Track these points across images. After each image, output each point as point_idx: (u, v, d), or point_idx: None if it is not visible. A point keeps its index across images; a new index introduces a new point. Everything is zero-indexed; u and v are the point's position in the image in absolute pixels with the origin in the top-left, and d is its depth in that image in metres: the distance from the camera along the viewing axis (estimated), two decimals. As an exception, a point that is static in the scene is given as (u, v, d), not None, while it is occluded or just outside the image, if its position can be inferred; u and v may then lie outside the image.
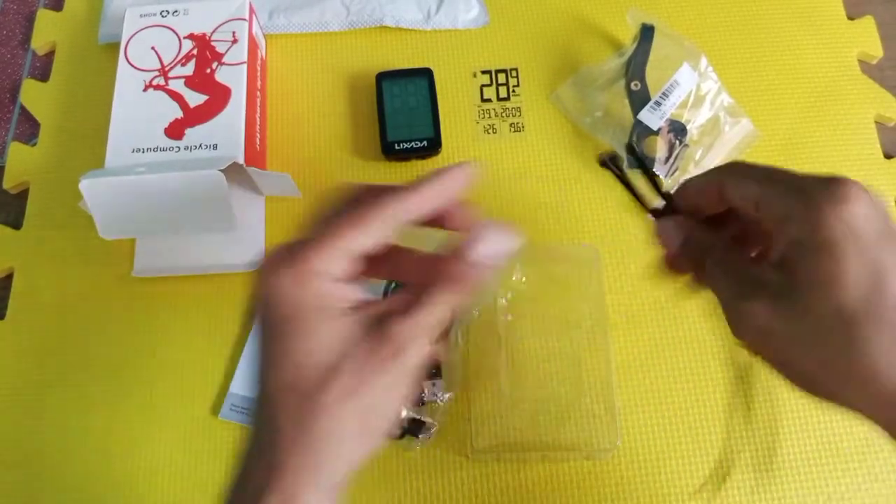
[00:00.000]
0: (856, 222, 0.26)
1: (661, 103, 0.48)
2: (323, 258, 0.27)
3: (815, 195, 0.27)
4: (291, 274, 0.27)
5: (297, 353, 0.26)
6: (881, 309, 0.25)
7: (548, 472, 0.44)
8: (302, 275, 0.27)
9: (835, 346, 0.26)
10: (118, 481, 0.44)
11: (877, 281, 0.25)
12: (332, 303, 0.27)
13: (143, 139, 0.46)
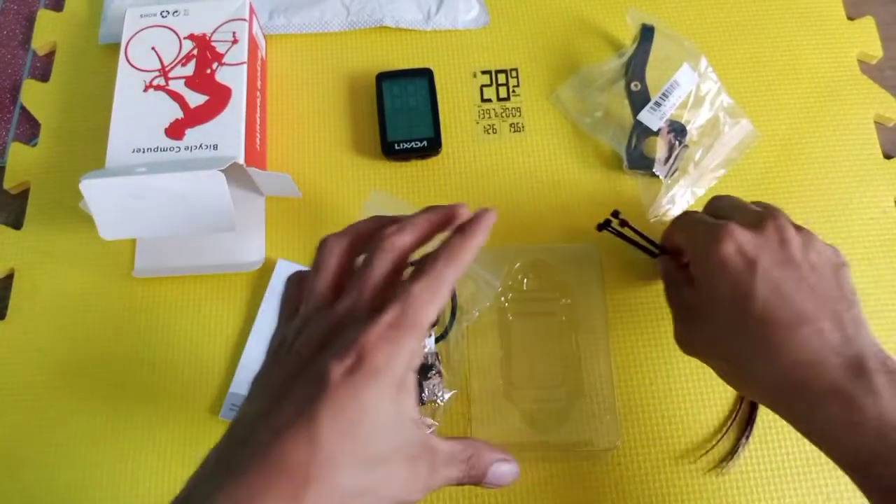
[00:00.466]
0: (725, 258, 0.37)
1: (661, 104, 0.48)
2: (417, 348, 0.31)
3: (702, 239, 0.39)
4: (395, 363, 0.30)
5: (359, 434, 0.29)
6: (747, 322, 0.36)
7: (548, 472, 0.44)
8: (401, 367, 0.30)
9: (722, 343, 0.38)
10: (118, 481, 0.44)
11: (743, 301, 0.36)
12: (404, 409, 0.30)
13: (143, 139, 0.46)
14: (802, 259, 0.37)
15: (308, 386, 0.29)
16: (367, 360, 0.29)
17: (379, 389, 0.29)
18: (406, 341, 0.30)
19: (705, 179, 0.50)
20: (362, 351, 0.29)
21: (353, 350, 0.29)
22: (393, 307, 0.30)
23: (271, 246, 0.49)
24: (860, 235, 0.49)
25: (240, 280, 0.48)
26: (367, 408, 0.29)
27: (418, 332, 0.30)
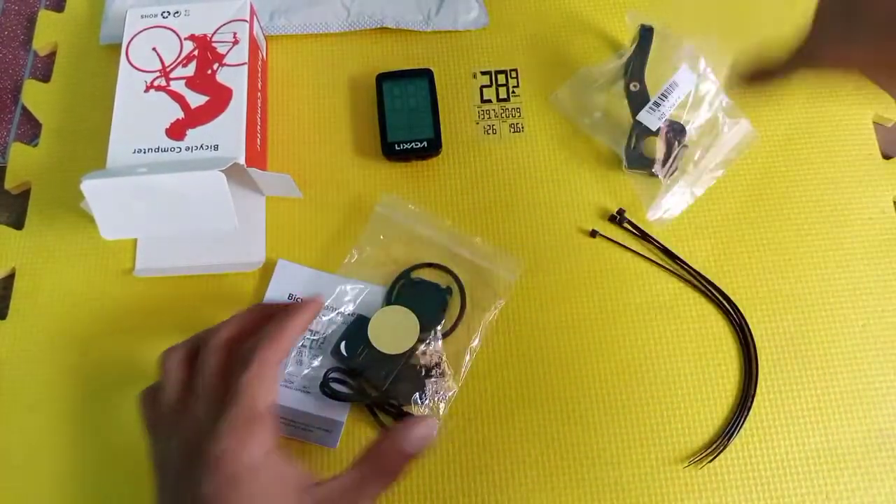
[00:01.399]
0: None
1: (660, 104, 0.49)
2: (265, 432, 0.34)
3: None
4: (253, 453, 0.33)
5: None
6: None
7: (547, 471, 0.44)
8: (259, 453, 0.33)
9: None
10: (119, 481, 0.44)
11: None
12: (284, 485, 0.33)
13: (144, 140, 0.46)
14: None
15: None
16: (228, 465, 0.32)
17: (253, 485, 0.32)
18: (253, 432, 0.33)
19: (704, 179, 0.50)
20: (220, 459, 0.32)
21: (212, 462, 0.32)
22: (231, 406, 0.34)
23: (272, 246, 0.49)
24: (859, 235, 0.49)
25: (240, 280, 0.48)
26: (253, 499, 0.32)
27: (262, 418, 0.34)
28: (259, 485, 0.32)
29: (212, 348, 0.37)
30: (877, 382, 0.46)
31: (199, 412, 0.35)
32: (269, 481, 0.33)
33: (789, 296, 0.48)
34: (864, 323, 0.47)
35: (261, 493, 0.32)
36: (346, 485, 0.34)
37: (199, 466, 0.33)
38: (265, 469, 0.33)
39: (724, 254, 0.49)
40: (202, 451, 0.33)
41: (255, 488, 0.32)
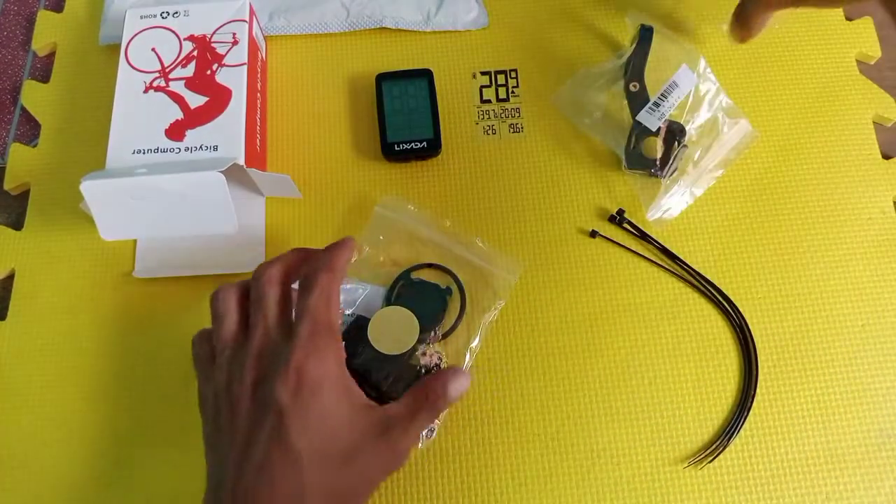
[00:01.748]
0: None
1: (660, 104, 0.49)
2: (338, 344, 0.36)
3: None
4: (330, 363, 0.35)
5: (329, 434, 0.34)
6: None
7: (546, 471, 0.44)
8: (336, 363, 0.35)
9: None
10: (119, 480, 0.44)
11: None
12: (355, 400, 0.36)
13: (143, 140, 0.46)
14: None
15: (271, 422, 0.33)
16: (306, 375, 0.34)
17: (328, 394, 0.34)
18: (327, 346, 0.35)
19: (704, 180, 0.50)
20: (298, 370, 0.34)
21: (291, 373, 0.34)
22: (303, 324, 0.35)
23: (272, 247, 0.49)
24: (858, 236, 0.49)
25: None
26: (326, 415, 0.33)
27: (333, 333, 0.36)
28: (334, 395, 0.34)
29: (267, 281, 0.38)
30: (877, 382, 0.46)
31: (267, 337, 0.36)
32: (342, 393, 0.35)
33: (789, 296, 0.48)
34: (864, 323, 0.47)
35: (335, 403, 0.34)
36: (400, 411, 0.37)
37: (275, 375, 0.34)
38: (339, 381, 0.35)
39: (724, 254, 0.49)
40: (279, 363, 0.34)
41: (330, 398, 0.34)
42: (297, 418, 0.33)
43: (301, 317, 0.36)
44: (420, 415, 0.37)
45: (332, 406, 0.34)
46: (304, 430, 0.33)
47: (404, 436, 0.36)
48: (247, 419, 0.35)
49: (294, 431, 0.33)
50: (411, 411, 0.37)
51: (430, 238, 0.48)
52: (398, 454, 0.36)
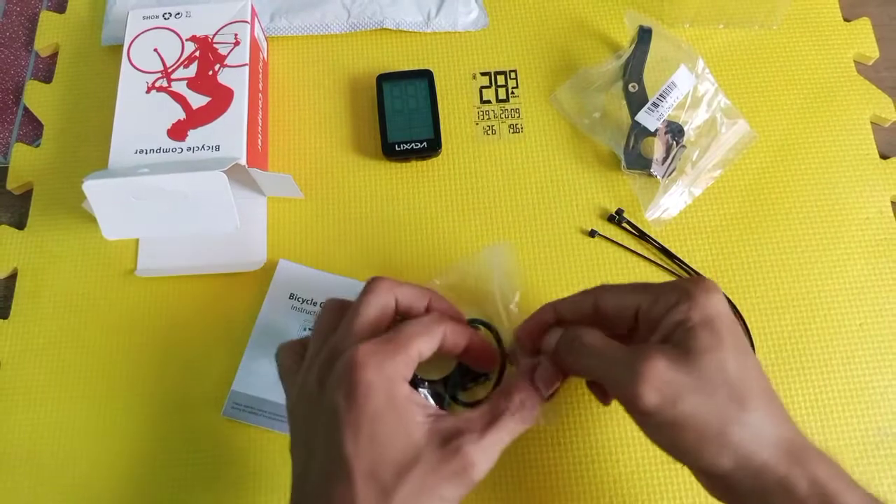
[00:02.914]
0: (719, 307, 0.33)
1: (659, 105, 0.49)
2: (407, 363, 0.33)
3: (692, 289, 0.34)
4: (389, 371, 0.32)
5: (383, 441, 0.31)
6: (749, 371, 0.33)
7: (547, 470, 0.44)
8: (396, 374, 0.32)
9: (724, 399, 0.31)
10: (121, 479, 0.44)
11: (743, 349, 0.33)
12: (416, 407, 0.32)
13: (145, 140, 0.46)
14: None
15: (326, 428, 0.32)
16: (361, 376, 0.31)
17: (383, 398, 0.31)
18: (393, 356, 0.32)
19: (703, 180, 0.50)
20: (354, 370, 0.32)
21: (347, 374, 0.32)
22: (388, 335, 0.34)
23: (273, 246, 0.50)
24: (856, 236, 0.50)
25: (242, 280, 0.49)
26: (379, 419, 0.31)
27: (406, 354, 0.33)
28: (391, 398, 0.31)
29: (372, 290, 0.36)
30: (874, 381, 0.46)
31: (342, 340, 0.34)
32: (402, 398, 0.32)
33: (787, 295, 0.48)
34: (862, 322, 0.48)
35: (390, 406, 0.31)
36: (473, 418, 0.33)
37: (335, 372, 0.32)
38: (398, 385, 0.32)
39: (722, 253, 0.49)
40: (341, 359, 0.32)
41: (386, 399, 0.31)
42: (350, 424, 0.31)
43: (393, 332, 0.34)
44: (499, 423, 0.33)
45: (388, 410, 0.31)
46: (356, 437, 0.31)
47: (475, 446, 0.32)
48: (310, 423, 0.33)
49: (346, 438, 0.31)
50: (487, 418, 0.33)
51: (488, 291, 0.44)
52: (466, 466, 0.31)
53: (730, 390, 0.32)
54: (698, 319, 0.33)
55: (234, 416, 0.45)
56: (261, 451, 0.45)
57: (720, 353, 0.32)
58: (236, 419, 0.45)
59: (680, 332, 0.33)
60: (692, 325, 0.33)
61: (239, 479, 0.44)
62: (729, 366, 0.32)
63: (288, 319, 0.47)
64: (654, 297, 0.35)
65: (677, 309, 0.33)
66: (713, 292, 0.34)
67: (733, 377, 0.32)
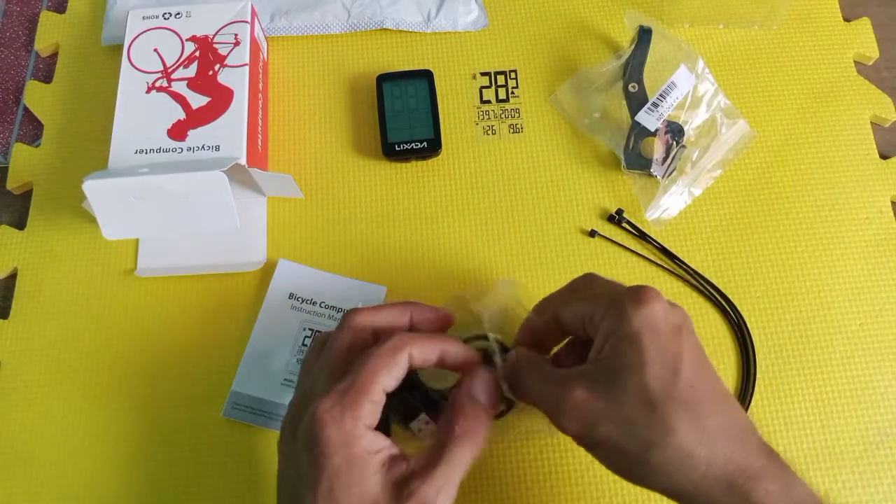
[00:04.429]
0: (654, 318, 0.31)
1: (659, 105, 0.49)
2: (370, 409, 0.32)
3: (622, 299, 0.32)
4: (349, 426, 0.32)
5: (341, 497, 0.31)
6: (677, 389, 0.30)
7: (547, 469, 0.44)
8: (356, 427, 0.32)
9: (643, 422, 0.30)
10: (121, 479, 0.44)
11: (673, 364, 0.31)
12: (372, 459, 0.32)
13: (145, 140, 0.46)
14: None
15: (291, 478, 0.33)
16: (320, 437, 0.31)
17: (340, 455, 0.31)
18: (354, 406, 0.32)
19: (702, 180, 0.50)
20: (314, 429, 0.32)
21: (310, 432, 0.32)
22: (347, 376, 0.33)
23: (273, 246, 0.50)
24: (856, 235, 0.50)
25: (242, 280, 0.49)
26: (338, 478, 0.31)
27: (369, 396, 0.32)
28: (349, 455, 0.31)
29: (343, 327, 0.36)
30: (874, 381, 0.46)
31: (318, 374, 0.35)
32: (360, 453, 0.32)
33: (787, 295, 0.48)
34: (862, 322, 0.48)
35: (347, 463, 0.31)
36: (421, 458, 0.33)
37: (302, 426, 0.33)
38: (357, 440, 0.32)
39: (722, 253, 0.49)
40: (307, 413, 0.33)
41: (344, 457, 0.31)
42: (310, 481, 0.32)
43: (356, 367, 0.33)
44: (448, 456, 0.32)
45: (346, 468, 0.31)
46: (315, 492, 0.31)
47: (429, 487, 0.31)
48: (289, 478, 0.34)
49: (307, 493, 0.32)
50: (437, 454, 0.33)
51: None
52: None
53: (650, 412, 0.30)
54: (623, 334, 0.31)
55: (234, 417, 0.45)
56: (260, 450, 0.45)
57: (641, 373, 0.30)
58: (236, 419, 0.45)
59: (607, 348, 0.32)
60: (616, 341, 0.32)
61: (238, 478, 0.44)
62: (652, 386, 0.30)
63: (288, 319, 0.47)
64: (593, 307, 0.33)
65: (605, 322, 0.33)
66: (645, 303, 0.32)
67: (657, 398, 0.30)
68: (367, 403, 0.32)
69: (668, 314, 0.32)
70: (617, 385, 0.31)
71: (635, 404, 0.30)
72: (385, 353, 0.34)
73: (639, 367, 0.31)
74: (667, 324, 0.32)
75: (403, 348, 0.34)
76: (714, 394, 0.32)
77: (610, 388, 0.31)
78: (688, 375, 0.31)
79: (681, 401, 0.30)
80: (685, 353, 0.31)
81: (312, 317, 0.47)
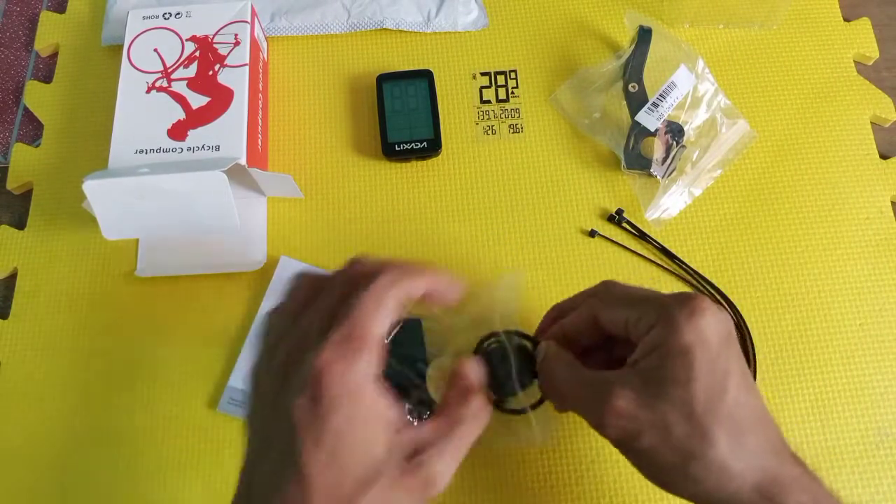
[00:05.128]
0: (705, 332, 0.31)
1: (659, 105, 0.49)
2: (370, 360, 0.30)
3: (673, 310, 0.32)
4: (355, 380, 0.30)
5: (344, 457, 0.29)
6: (722, 405, 0.31)
7: (547, 468, 0.44)
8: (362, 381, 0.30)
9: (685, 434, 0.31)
10: (120, 477, 0.44)
11: (721, 381, 0.31)
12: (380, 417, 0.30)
13: (145, 140, 0.46)
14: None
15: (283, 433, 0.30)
16: (324, 388, 0.29)
17: (348, 411, 0.30)
18: (357, 356, 0.30)
19: (703, 180, 0.50)
20: (317, 379, 0.29)
21: (309, 381, 0.30)
22: (338, 326, 0.31)
23: (273, 246, 0.50)
24: (856, 235, 0.50)
25: (242, 279, 0.49)
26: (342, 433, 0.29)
27: (368, 345, 0.30)
28: (355, 411, 0.30)
29: (344, 273, 0.34)
30: (875, 381, 0.46)
31: (311, 325, 0.32)
32: (366, 410, 0.30)
33: (787, 295, 0.48)
34: (862, 322, 0.48)
35: (356, 422, 0.30)
36: (431, 429, 0.32)
37: (297, 378, 0.30)
38: (363, 395, 0.30)
39: (723, 253, 0.49)
40: (304, 364, 0.30)
41: (351, 416, 0.30)
42: (310, 437, 0.29)
43: (344, 314, 0.31)
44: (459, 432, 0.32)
45: (351, 426, 0.30)
46: (316, 451, 0.29)
47: (437, 458, 0.31)
48: (266, 420, 0.32)
49: (305, 451, 0.29)
50: (443, 428, 0.32)
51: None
52: (429, 480, 0.30)
53: (693, 426, 0.31)
54: (673, 347, 0.31)
55: (229, 412, 0.45)
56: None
57: (688, 387, 0.31)
58: (233, 414, 0.45)
59: (654, 358, 0.32)
60: (666, 353, 0.31)
61: (234, 471, 0.44)
62: (697, 399, 0.31)
63: (288, 319, 0.47)
64: (639, 313, 0.33)
65: (654, 331, 0.32)
66: (697, 315, 0.32)
67: (700, 411, 0.31)
68: (370, 356, 0.31)
69: (719, 326, 0.32)
70: (663, 397, 0.31)
71: (680, 417, 0.31)
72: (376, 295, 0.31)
73: (687, 382, 0.31)
74: (718, 337, 0.32)
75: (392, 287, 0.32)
76: (756, 411, 0.32)
77: (656, 399, 0.31)
78: (734, 394, 0.31)
79: (725, 417, 0.31)
80: (733, 370, 0.32)
81: (312, 317, 0.47)
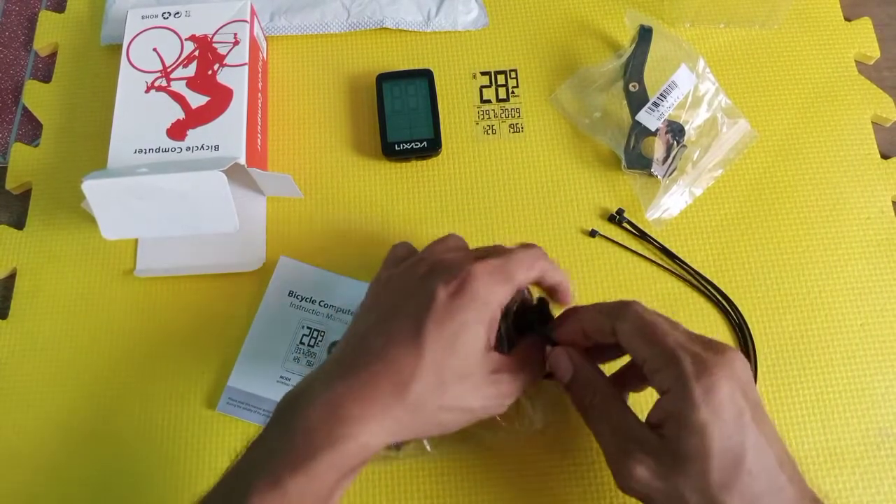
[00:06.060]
0: (720, 409, 0.32)
1: (659, 104, 0.49)
2: (508, 292, 0.36)
3: (690, 383, 0.32)
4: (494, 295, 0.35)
5: (456, 346, 0.34)
6: (737, 481, 0.32)
7: (546, 468, 0.44)
8: (496, 300, 0.35)
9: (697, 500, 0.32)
10: (119, 476, 0.44)
11: (737, 455, 0.32)
12: (485, 336, 0.35)
13: (145, 140, 0.46)
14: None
15: (418, 303, 0.35)
16: (470, 287, 0.34)
17: (476, 314, 0.34)
18: (503, 283, 0.35)
19: (703, 179, 0.50)
20: (467, 278, 0.35)
21: (460, 277, 0.35)
22: (497, 258, 0.36)
23: (272, 246, 0.49)
24: (857, 235, 0.50)
25: (241, 279, 0.48)
26: (465, 328, 0.34)
27: (511, 284, 0.36)
28: (479, 318, 0.34)
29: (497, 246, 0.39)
30: (876, 381, 0.46)
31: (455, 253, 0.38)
32: (483, 325, 0.35)
33: (788, 295, 0.48)
34: (863, 322, 0.47)
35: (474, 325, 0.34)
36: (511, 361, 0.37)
37: (446, 273, 0.35)
38: (488, 312, 0.35)
39: (723, 253, 0.49)
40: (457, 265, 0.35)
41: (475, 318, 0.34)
42: (438, 316, 0.34)
43: (496, 254, 0.36)
44: (525, 370, 0.37)
45: (470, 329, 0.34)
46: (439, 329, 0.34)
47: (510, 383, 0.36)
48: (399, 295, 0.36)
49: (431, 323, 0.34)
50: (518, 364, 0.37)
51: None
52: (500, 397, 0.36)
53: (707, 500, 0.32)
54: (689, 422, 0.32)
55: (228, 412, 0.45)
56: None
57: (705, 464, 0.32)
58: (231, 415, 0.45)
59: (671, 427, 0.33)
60: (682, 425, 0.32)
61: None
62: (712, 476, 0.32)
63: (287, 316, 0.47)
64: (657, 366, 0.34)
65: (670, 397, 0.33)
66: (714, 392, 0.32)
67: (715, 487, 0.32)
68: (510, 289, 0.36)
69: (735, 396, 0.32)
70: (678, 470, 0.32)
71: (694, 491, 0.32)
72: (532, 256, 0.37)
73: (702, 458, 0.32)
74: (734, 409, 0.32)
75: (541, 260, 0.37)
76: (771, 475, 0.33)
77: (672, 471, 0.32)
78: (749, 466, 0.32)
79: (738, 490, 0.32)
80: (749, 442, 0.32)
81: (311, 315, 0.47)
